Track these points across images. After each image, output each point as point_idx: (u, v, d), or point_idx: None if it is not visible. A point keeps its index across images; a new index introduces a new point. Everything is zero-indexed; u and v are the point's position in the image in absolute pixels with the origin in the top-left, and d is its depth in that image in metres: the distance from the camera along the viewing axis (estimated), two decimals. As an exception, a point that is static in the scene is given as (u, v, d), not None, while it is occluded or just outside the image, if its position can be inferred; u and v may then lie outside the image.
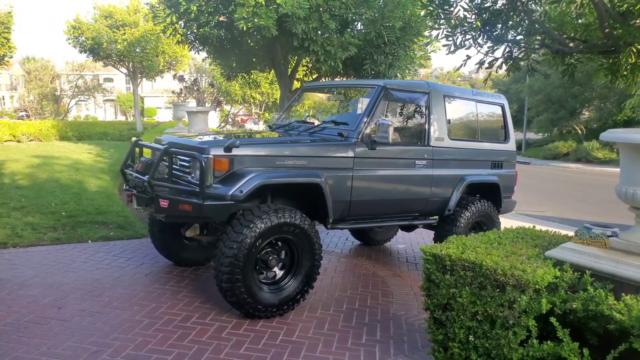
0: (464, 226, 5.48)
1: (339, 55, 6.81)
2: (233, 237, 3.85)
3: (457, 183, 5.42)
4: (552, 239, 3.47)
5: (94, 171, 10.31)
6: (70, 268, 5.03)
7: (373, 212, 4.93)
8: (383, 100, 4.80)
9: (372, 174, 4.72)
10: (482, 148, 5.74)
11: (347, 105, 5.27)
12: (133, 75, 20.75)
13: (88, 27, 18.64)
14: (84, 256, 5.45)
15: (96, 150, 13.69)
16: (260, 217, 3.92)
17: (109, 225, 6.67)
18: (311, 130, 5.01)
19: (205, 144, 4.08)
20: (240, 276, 3.85)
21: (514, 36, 4.36)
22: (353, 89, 5.35)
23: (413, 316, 4.43)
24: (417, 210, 5.28)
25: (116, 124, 21.97)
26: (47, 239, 5.93)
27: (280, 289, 4.17)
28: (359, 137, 4.59)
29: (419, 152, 5.09)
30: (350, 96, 5.32)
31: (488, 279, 2.85)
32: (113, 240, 6.14)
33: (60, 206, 7.28)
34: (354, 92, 5.30)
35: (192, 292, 4.59)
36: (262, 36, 6.87)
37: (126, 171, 4.59)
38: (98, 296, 4.33)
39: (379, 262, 6.08)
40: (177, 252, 5.21)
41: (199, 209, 3.79)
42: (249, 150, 4.09)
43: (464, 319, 2.99)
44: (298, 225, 4.10)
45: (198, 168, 4.01)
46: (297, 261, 4.26)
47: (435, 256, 3.15)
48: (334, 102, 5.62)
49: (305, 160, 4.33)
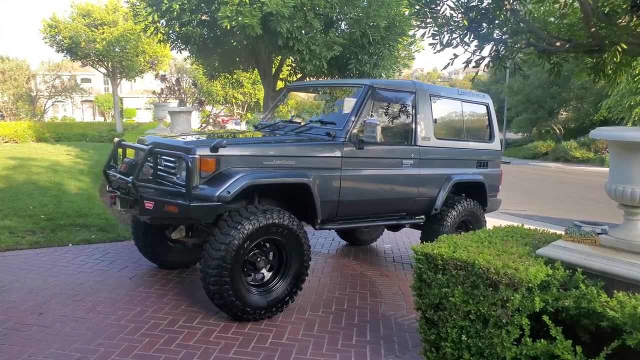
0: (451, 225, 5.49)
1: (324, 54, 6.77)
2: (220, 239, 3.78)
3: (444, 182, 5.43)
4: (541, 237, 3.48)
5: (73, 173, 10.07)
6: (50, 272, 4.88)
7: (361, 212, 4.91)
8: (370, 99, 4.78)
9: (360, 174, 4.69)
10: (467, 147, 5.76)
11: (333, 105, 5.24)
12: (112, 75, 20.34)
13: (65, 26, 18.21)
14: (64, 260, 5.30)
15: (75, 151, 13.39)
16: (248, 218, 3.85)
17: (90, 228, 6.51)
18: (298, 130, 4.96)
19: (191, 144, 4.00)
20: (228, 278, 3.78)
21: (500, 35, 4.38)
22: (339, 89, 5.32)
23: (402, 316, 4.41)
24: (404, 209, 5.27)
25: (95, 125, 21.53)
26: (25, 243, 5.75)
27: (268, 291, 4.11)
28: (347, 137, 4.56)
29: (405, 152, 5.08)
30: (337, 96, 5.29)
31: (481, 278, 2.84)
32: (95, 244, 6.00)
33: (38, 209, 7.09)
34: (341, 91, 5.27)
35: (178, 295, 4.50)
36: (245, 35, 6.79)
37: (109, 172, 4.47)
38: (80, 301, 4.21)
39: (366, 262, 6.06)
40: (162, 254, 5.10)
41: (185, 211, 3.71)
42: (235, 150, 4.02)
43: (456, 319, 2.97)
44: (286, 226, 4.04)
45: (184, 169, 3.94)
46: (285, 262, 4.21)
47: (426, 256, 3.13)
48: (320, 101, 5.58)
49: (293, 160, 4.28)
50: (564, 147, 26.12)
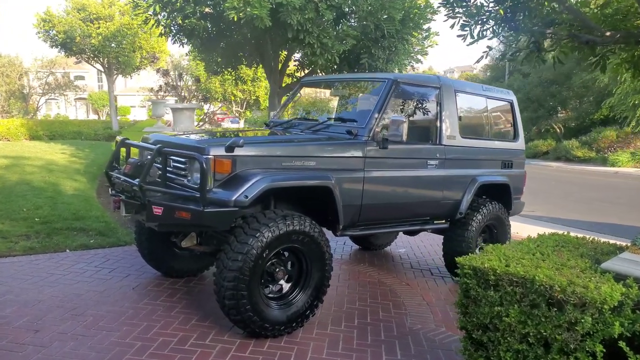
0: (476, 230, 5.16)
1: (336, 48, 6.41)
2: (237, 248, 3.41)
3: (469, 184, 5.09)
4: (596, 248, 3.14)
5: (69, 172, 9.65)
6: (46, 282, 4.50)
7: (384, 216, 4.55)
8: (394, 95, 4.43)
9: (383, 175, 4.34)
10: (492, 147, 5.42)
11: (353, 101, 4.88)
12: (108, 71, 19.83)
13: (60, 21, 17.65)
14: (61, 268, 4.91)
15: (70, 150, 12.95)
16: (267, 225, 3.49)
17: (89, 232, 6.12)
18: (315, 127, 4.60)
19: (204, 143, 3.63)
20: (245, 292, 3.41)
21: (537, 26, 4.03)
22: (359, 84, 4.96)
23: (431, 330, 4.06)
24: (428, 213, 4.92)
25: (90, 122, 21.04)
26: (19, 248, 5.36)
27: (288, 304, 3.75)
28: (370, 135, 4.20)
29: (430, 151, 4.73)
30: (356, 91, 4.93)
31: (542, 296, 2.49)
32: (94, 249, 5.61)
33: (33, 211, 6.68)
34: (361, 86, 4.91)
35: (187, 308, 4.13)
36: (253, 28, 6.42)
37: (112, 174, 4.09)
38: (80, 315, 3.83)
39: (383, 269, 5.71)
40: (167, 262, 4.73)
41: (198, 217, 3.33)
42: (253, 150, 3.65)
43: (511, 341, 2.63)
44: (308, 233, 3.68)
45: (196, 170, 3.57)
46: (305, 273, 3.85)
47: (475, 269, 2.78)
48: (337, 97, 5.22)
49: (314, 160, 3.92)
50: (565, 146, 25.87)
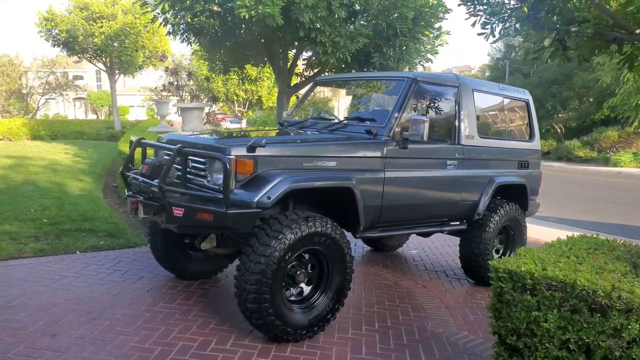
0: (493, 231, 5.09)
1: (348, 46, 6.33)
2: (260, 250, 3.33)
3: (486, 185, 5.02)
4: (631, 250, 3.06)
5: (73, 172, 9.56)
6: (59, 285, 4.41)
7: (404, 218, 4.48)
8: (413, 94, 4.35)
9: (404, 176, 4.25)
10: (509, 147, 5.35)
11: (370, 100, 4.80)
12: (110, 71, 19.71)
13: (62, 19, 17.50)
14: (73, 270, 4.82)
15: (73, 150, 12.85)
16: (290, 226, 3.41)
17: (98, 234, 6.03)
18: (332, 127, 4.52)
19: (225, 143, 3.55)
20: (268, 295, 3.33)
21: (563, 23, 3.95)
22: (377, 82, 4.87)
23: (453, 334, 3.98)
24: (446, 214, 4.84)
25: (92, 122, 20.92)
26: (29, 250, 5.26)
27: (310, 307, 3.67)
28: (390, 135, 4.12)
29: (450, 151, 4.66)
30: (374, 90, 4.84)
31: (584, 301, 2.41)
32: (104, 251, 5.51)
33: (40, 212, 6.59)
34: (378, 85, 4.82)
35: (204, 311, 4.04)
36: (264, 26, 6.33)
37: (128, 175, 4.00)
38: (97, 319, 3.74)
39: (397, 271, 5.63)
40: (182, 264, 4.64)
41: (221, 219, 3.24)
42: (274, 150, 3.57)
43: (549, 348, 2.55)
44: (329, 235, 3.60)
45: (217, 170, 3.49)
46: (327, 275, 3.76)
47: (510, 273, 2.69)
48: (352, 97, 5.14)
49: (334, 161, 3.83)
50: (566, 147, 25.83)
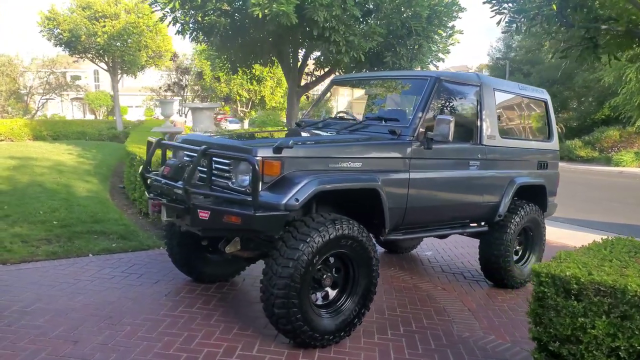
0: (514, 233, 5.01)
1: (362, 45, 6.24)
2: (288, 254, 3.24)
3: (507, 186, 4.94)
4: (672, 253, 2.98)
5: (79, 173, 9.45)
6: (75, 289, 4.31)
7: (427, 220, 4.39)
8: (436, 93, 4.27)
9: (428, 177, 4.17)
10: (529, 147, 5.27)
11: (391, 100, 4.71)
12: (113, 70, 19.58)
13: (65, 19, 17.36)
14: (88, 273, 4.73)
15: (76, 150, 12.73)
16: (317, 229, 3.32)
17: (109, 236, 5.93)
18: (352, 127, 4.43)
19: (250, 144, 3.47)
20: (296, 300, 3.25)
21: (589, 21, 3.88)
22: (397, 82, 4.78)
23: (480, 338, 3.90)
24: (468, 216, 4.77)
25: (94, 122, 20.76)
26: (41, 253, 5.16)
27: (337, 312, 3.58)
28: (414, 135, 4.04)
29: (472, 152, 4.58)
30: (394, 89, 4.76)
31: (636, 307, 2.34)
32: (117, 253, 5.42)
33: (49, 214, 6.49)
34: (400, 84, 4.74)
35: (225, 316, 3.95)
36: (278, 25, 6.23)
37: (149, 176, 3.90)
38: (117, 324, 3.65)
39: (414, 273, 5.55)
40: (199, 267, 4.55)
41: (249, 221, 3.16)
42: (301, 151, 3.48)
43: (597, 355, 2.47)
44: (356, 238, 3.52)
45: (242, 172, 3.41)
46: (353, 279, 3.68)
47: (554, 278, 2.61)
48: (372, 96, 5.06)
49: (359, 162, 3.75)
50: (567, 146, 25.79)
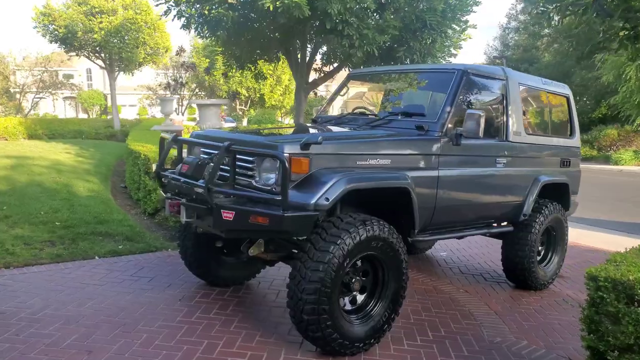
0: (539, 233, 4.83)
1: (377, 39, 6.04)
2: (318, 257, 3.04)
3: (532, 184, 4.76)
4: None
5: (78, 173, 9.17)
6: (83, 294, 4.08)
7: (455, 219, 4.21)
8: (464, 87, 4.08)
9: (457, 174, 3.99)
10: (552, 144, 5.10)
11: (414, 94, 4.52)
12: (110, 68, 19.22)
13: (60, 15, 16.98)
14: (96, 277, 4.50)
15: (74, 149, 12.42)
16: (348, 230, 3.12)
17: (115, 237, 5.69)
18: (374, 123, 4.24)
19: (275, 140, 3.26)
20: (327, 306, 3.05)
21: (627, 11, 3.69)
22: (421, 75, 4.59)
23: (513, 344, 3.72)
24: (494, 216, 4.59)
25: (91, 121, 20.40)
26: (45, 256, 4.93)
27: (367, 318, 3.38)
28: (443, 131, 3.85)
29: (499, 149, 4.40)
30: (417, 83, 4.57)
31: None
32: (124, 255, 5.19)
33: (51, 215, 6.24)
34: (424, 78, 4.55)
35: (245, 322, 3.74)
36: (288, 18, 6.03)
37: (165, 174, 3.67)
38: (132, 332, 3.43)
39: (433, 275, 5.37)
40: (214, 270, 4.33)
41: (278, 222, 2.95)
42: (329, 148, 3.28)
43: (664, 366, 2.29)
44: (387, 239, 3.32)
45: (267, 170, 3.21)
46: (382, 283, 3.48)
47: (615, 282, 2.43)
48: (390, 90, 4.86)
49: (388, 159, 3.56)
50: (566, 145, 25.65)
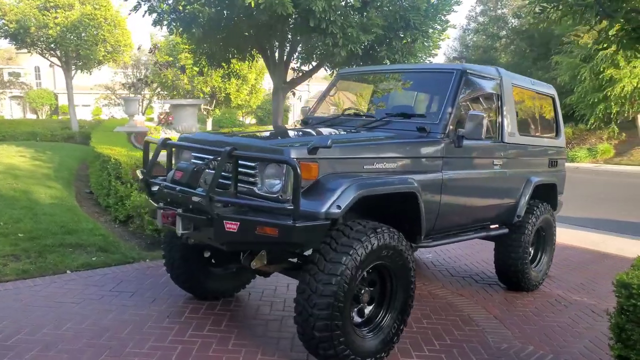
0: (531, 234, 4.80)
1: (361, 38, 5.89)
2: (329, 269, 2.84)
3: (525, 185, 4.72)
4: None
5: (38, 178, 8.57)
6: (60, 314, 3.71)
7: (457, 223, 4.09)
8: (463, 87, 3.96)
9: (459, 177, 3.88)
10: (542, 144, 5.09)
11: (410, 95, 4.38)
12: (66, 66, 18.20)
13: (11, 9, 15.87)
14: (71, 294, 4.12)
15: (29, 152, 11.66)
16: (359, 239, 2.94)
17: (87, 249, 5.28)
18: (370, 125, 4.06)
19: (279, 144, 3.04)
20: (340, 321, 2.85)
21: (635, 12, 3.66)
22: (418, 75, 4.45)
23: (519, 349, 3.63)
24: (490, 218, 4.51)
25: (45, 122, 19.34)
26: (9, 272, 4.49)
27: (378, 330, 3.21)
28: (445, 132, 3.72)
29: (496, 150, 4.32)
30: (414, 84, 4.43)
31: None
32: (99, 268, 4.81)
33: (13, 225, 5.74)
34: (420, 79, 4.41)
35: (242, 338, 3.48)
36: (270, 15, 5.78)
37: (156, 182, 3.36)
38: (122, 356, 3.11)
39: (424, 278, 5.26)
40: (203, 282, 4.05)
41: (288, 233, 2.72)
42: (337, 152, 3.08)
43: (703, 375, 2.22)
44: (396, 247, 3.15)
45: (271, 176, 2.98)
46: (390, 293, 3.31)
47: (649, 290, 2.35)
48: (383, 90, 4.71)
49: (394, 162, 3.40)
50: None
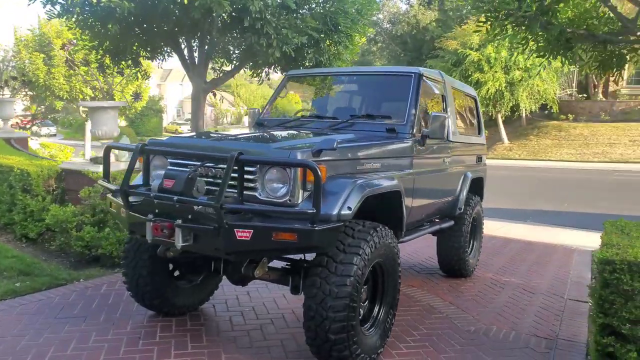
0: (469, 224, 5.24)
1: (296, 39, 5.87)
2: (342, 271, 2.84)
3: (463, 180, 5.13)
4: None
5: None
6: (6, 349, 3.17)
7: (419, 219, 4.31)
8: (421, 89, 4.19)
9: (424, 175, 4.11)
10: (472, 142, 5.56)
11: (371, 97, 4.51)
12: None
13: None
14: (11, 328, 3.53)
15: None
16: (365, 239, 2.98)
17: (3, 273, 4.56)
18: (335, 126, 4.11)
19: (283, 147, 2.94)
20: (354, 322, 2.87)
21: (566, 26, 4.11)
22: (376, 78, 4.58)
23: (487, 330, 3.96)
24: (440, 212, 4.82)
25: None
26: None
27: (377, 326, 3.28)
28: (413, 132, 3.91)
29: (445, 148, 4.64)
30: (371, 86, 4.56)
31: None
32: (28, 294, 4.19)
33: None
34: (374, 81, 4.56)
35: (233, 352, 3.31)
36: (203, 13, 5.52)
37: (135, 192, 3.01)
38: (111, 390, 2.77)
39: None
40: (170, 298, 3.76)
41: (307, 238, 2.65)
42: (340, 153, 3.10)
43: (676, 331, 2.65)
44: (389, 244, 3.25)
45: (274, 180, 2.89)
46: (382, 289, 3.40)
47: (631, 264, 2.72)
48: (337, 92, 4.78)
49: (379, 162, 3.51)
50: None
